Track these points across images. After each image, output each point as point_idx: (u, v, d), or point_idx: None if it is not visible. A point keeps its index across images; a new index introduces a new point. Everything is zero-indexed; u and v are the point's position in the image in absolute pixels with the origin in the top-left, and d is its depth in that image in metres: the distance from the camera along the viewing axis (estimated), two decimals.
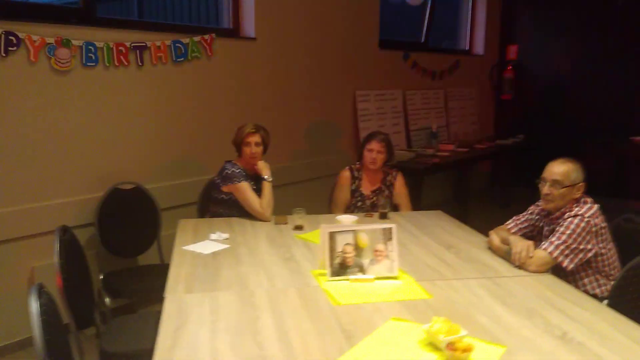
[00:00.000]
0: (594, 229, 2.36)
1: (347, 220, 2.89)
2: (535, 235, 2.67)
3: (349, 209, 3.50)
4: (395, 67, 5.70)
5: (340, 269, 2.20)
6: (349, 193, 3.51)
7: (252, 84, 4.19)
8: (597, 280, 2.43)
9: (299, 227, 2.92)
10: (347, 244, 2.21)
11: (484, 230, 2.83)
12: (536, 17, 7.13)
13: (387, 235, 2.24)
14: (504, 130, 7.28)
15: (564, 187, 2.45)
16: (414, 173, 4.96)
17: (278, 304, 1.95)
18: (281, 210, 3.21)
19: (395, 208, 3.54)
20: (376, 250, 2.23)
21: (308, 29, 4.58)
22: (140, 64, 3.49)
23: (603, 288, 2.43)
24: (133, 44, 3.43)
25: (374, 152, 3.42)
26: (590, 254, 2.36)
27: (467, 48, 7.13)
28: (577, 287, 2.44)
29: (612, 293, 2.29)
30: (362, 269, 2.21)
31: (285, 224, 3.00)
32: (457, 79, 6.69)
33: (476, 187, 7.12)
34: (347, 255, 2.20)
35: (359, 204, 3.48)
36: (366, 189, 3.50)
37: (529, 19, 7.19)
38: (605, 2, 6.36)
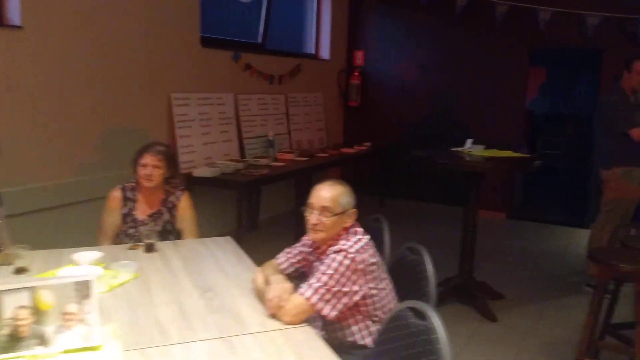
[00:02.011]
0: (360, 267, 1.96)
1: (84, 259, 2.28)
2: (309, 271, 2.23)
3: (118, 238, 2.89)
4: (224, 68, 5.17)
5: (11, 341, 1.59)
6: (119, 218, 2.90)
7: (17, 83, 3.43)
8: (367, 327, 2.04)
9: (21, 270, 2.26)
10: (21, 306, 1.60)
11: None
12: (382, 23, 6.97)
13: (84, 290, 1.67)
14: (352, 138, 7.04)
15: (334, 215, 2.04)
16: (236, 186, 4.47)
17: None
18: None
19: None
20: (65, 314, 1.65)
21: (101, 20, 3.89)
22: None
23: (375, 336, 2.03)
24: None
25: (149, 167, 2.85)
26: (357, 297, 1.96)
27: (313, 52, 6.78)
28: (344, 337, 2.03)
29: (377, 341, 1.89)
30: (43, 341, 1.61)
31: (9, 264, 2.32)
32: (301, 84, 6.31)
33: None
34: (20, 322, 1.60)
35: (131, 231, 2.88)
36: (141, 212, 2.91)
37: (375, 25, 7.01)
38: (445, 9, 6.30)
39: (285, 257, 2.27)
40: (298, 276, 2.22)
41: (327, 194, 2.06)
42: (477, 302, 3.85)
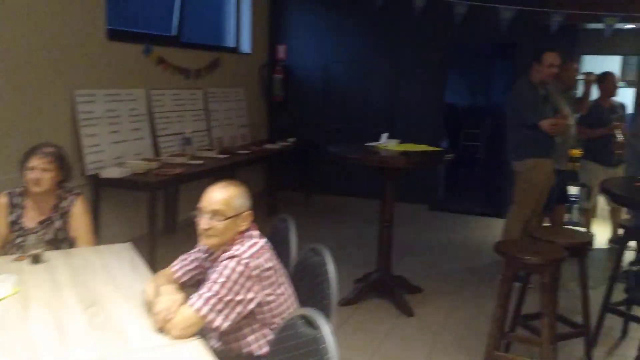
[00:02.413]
0: (255, 273, 1.85)
1: None
2: (205, 279, 2.10)
3: (5, 249, 2.65)
4: (134, 63, 4.90)
5: None
6: (6, 226, 2.65)
7: None
8: (264, 336, 1.94)
9: None
10: None
11: None
12: (304, 16, 6.88)
13: None
14: (277, 134, 6.92)
15: (227, 219, 1.92)
16: (147, 187, 4.26)
17: None
18: None
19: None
20: None
21: None
22: None
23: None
24: None
25: (37, 171, 2.62)
26: (252, 305, 1.86)
27: (233, 45, 6.60)
28: (240, 348, 1.93)
29: (270, 351, 1.80)
30: None
31: None
32: (220, 79, 6.12)
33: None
34: None
35: (19, 240, 2.64)
36: (30, 220, 2.68)
37: (297, 18, 6.90)
38: (366, 3, 6.28)
39: (181, 265, 2.13)
40: (194, 284, 2.09)
41: (219, 196, 1.94)
42: (395, 297, 3.84)
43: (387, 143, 3.99)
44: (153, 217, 4.26)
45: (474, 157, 9.18)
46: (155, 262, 3.74)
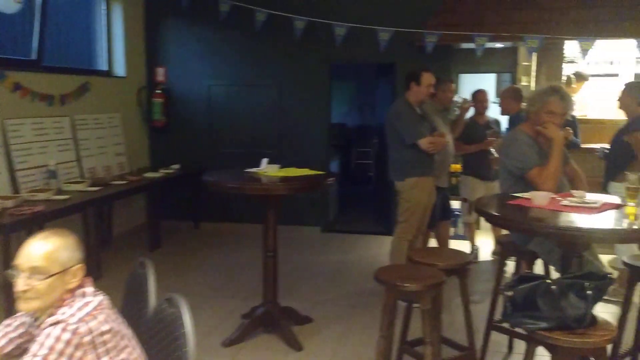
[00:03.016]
0: (86, 339, 1.56)
1: None
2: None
3: None
4: None
5: None
6: None
7: None
8: None
9: None
10: None
11: None
12: (183, 38, 6.57)
13: None
14: (160, 161, 6.53)
15: (50, 276, 1.61)
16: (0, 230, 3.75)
17: None
18: None
19: None
20: None
21: None
22: None
23: None
24: None
25: None
26: None
27: (105, 68, 6.15)
28: None
29: None
30: None
31: None
32: (91, 104, 5.65)
33: (124, 229, 6.19)
34: None
35: None
36: None
37: (176, 40, 6.58)
38: (245, 25, 6.12)
39: (4, 332, 1.78)
40: (22, 354, 1.75)
41: (38, 250, 1.63)
42: (282, 331, 3.63)
43: (267, 169, 3.80)
44: (8, 263, 3.75)
45: (366, 176, 9.30)
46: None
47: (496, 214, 2.54)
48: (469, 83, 7.11)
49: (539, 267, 3.24)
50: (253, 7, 5.95)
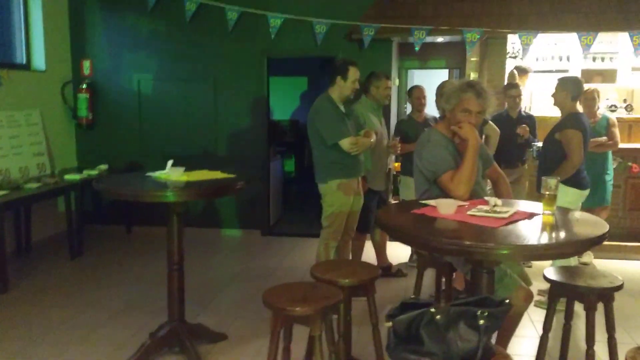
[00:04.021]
0: None
1: None
2: None
3: None
4: None
5: None
6: None
7: None
8: None
9: None
10: None
11: None
12: (109, 29, 6.14)
13: None
14: (88, 161, 6.11)
15: None
16: None
17: None
18: None
19: None
20: None
21: None
22: None
23: None
24: None
25: None
26: None
27: (23, 62, 5.69)
28: None
29: None
30: None
31: None
32: (5, 101, 5.21)
33: (45, 235, 5.78)
34: None
35: None
36: None
37: (102, 31, 6.15)
38: (175, 15, 5.74)
39: None
40: None
41: None
42: (188, 353, 3.29)
43: (170, 172, 3.45)
44: None
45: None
46: None
47: (393, 225, 2.23)
48: (420, 80, 6.83)
49: None
50: None
